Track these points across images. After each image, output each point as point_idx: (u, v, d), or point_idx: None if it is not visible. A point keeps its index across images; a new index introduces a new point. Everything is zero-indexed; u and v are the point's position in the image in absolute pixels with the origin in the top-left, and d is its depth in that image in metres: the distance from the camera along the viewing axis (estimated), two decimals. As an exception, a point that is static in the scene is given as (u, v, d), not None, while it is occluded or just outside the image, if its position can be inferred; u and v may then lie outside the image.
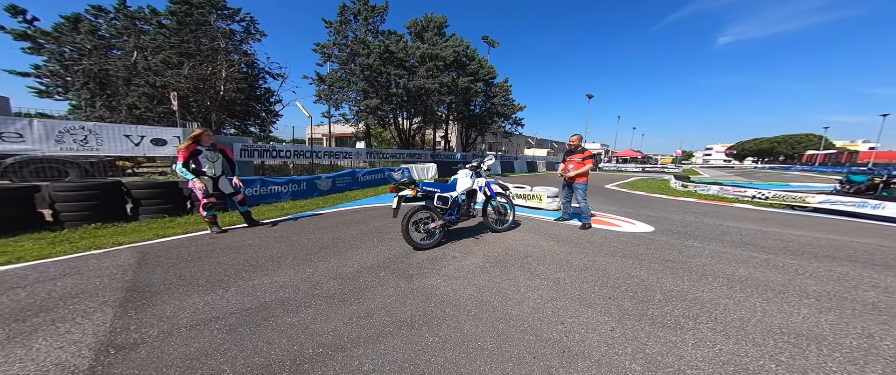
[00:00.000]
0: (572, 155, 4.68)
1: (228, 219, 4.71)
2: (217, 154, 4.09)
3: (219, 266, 2.95)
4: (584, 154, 4.59)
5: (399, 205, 3.55)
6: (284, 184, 6.49)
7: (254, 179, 5.90)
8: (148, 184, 4.54)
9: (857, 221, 5.23)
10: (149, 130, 6.16)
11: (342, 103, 16.39)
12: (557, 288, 2.57)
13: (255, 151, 8.13)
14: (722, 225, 4.83)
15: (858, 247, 3.61)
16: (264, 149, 8.38)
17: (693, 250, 3.48)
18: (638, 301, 2.30)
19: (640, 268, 2.95)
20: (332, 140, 28.05)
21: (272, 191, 6.27)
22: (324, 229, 4.47)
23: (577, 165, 4.59)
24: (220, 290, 2.45)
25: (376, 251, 3.55)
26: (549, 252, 3.49)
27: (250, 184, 5.85)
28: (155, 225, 4.26)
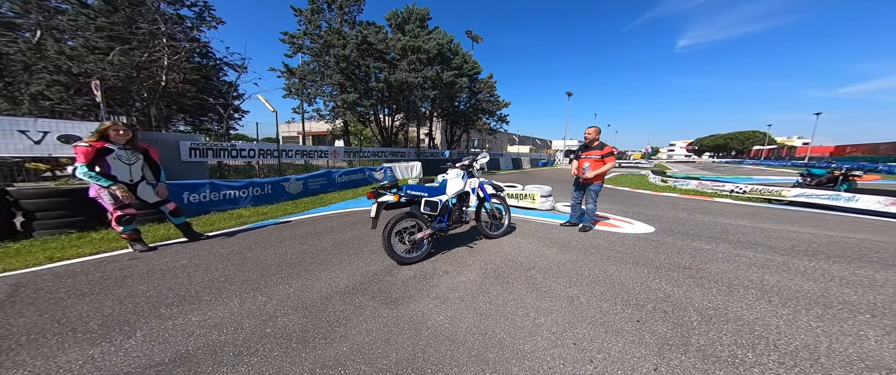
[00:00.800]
0: (588, 151, 3.95)
1: (163, 233, 3.85)
2: (136, 154, 3.24)
3: (128, 299, 2.23)
4: (604, 150, 3.85)
5: (379, 214, 2.98)
6: (243, 187, 5.63)
7: (202, 183, 5.01)
8: (45, 192, 3.56)
9: (834, 214, 5.36)
10: (53, 125, 5.02)
11: (316, 98, 15.25)
12: (573, 310, 2.14)
13: (208, 151, 7.08)
14: (717, 222, 4.71)
15: (861, 244, 3.52)
16: (221, 148, 7.33)
17: (704, 253, 3.22)
18: (673, 325, 1.91)
19: (659, 279, 2.60)
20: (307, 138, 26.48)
21: (227, 197, 5.39)
22: (288, 241, 3.77)
23: (595, 164, 3.89)
24: (118, 337, 1.77)
25: (352, 268, 2.95)
26: (554, 261, 3.08)
27: (197, 189, 4.96)
28: (52, 245, 3.35)
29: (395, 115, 16.93)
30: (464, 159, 3.84)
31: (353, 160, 13.00)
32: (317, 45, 14.38)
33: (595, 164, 3.90)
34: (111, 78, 6.58)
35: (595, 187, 3.95)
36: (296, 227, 4.47)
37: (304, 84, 14.48)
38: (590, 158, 3.94)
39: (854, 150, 46.62)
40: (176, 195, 4.68)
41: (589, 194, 4.00)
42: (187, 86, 8.07)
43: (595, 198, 3.98)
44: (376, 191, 3.02)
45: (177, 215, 3.51)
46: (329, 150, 11.76)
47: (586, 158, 3.97)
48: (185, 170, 6.65)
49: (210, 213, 4.99)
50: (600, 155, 3.86)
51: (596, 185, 3.94)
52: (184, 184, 4.82)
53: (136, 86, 7.26)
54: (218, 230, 4.18)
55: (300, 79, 14.27)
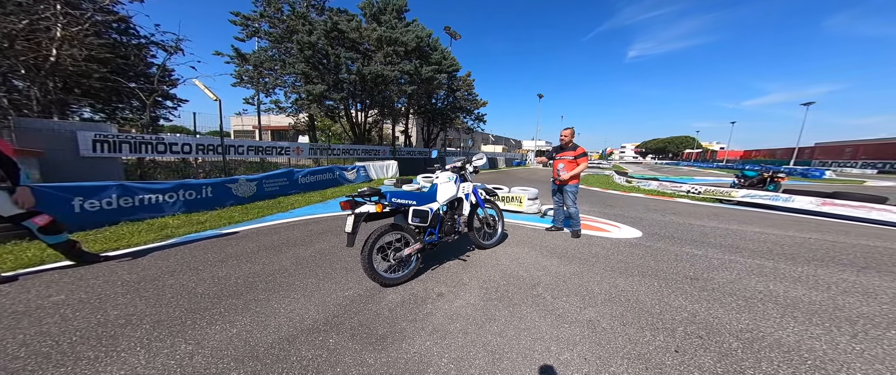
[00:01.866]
0: (563, 152, 3.95)
1: (34, 255, 2.80)
2: None
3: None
4: (577, 151, 3.87)
5: (357, 228, 2.40)
6: (169, 190, 4.51)
7: (106, 185, 3.85)
8: None
9: (777, 214, 5.93)
10: None
11: (275, 89, 13.58)
12: (598, 339, 1.82)
13: (122, 144, 5.66)
14: (692, 224, 4.86)
15: (824, 246, 3.73)
16: (142, 142, 5.90)
17: (700, 260, 3.16)
18: (717, 355, 1.67)
19: (673, 293, 2.41)
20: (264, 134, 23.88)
21: (146, 203, 4.27)
22: (232, 260, 2.99)
23: (569, 165, 3.87)
24: None
25: (322, 293, 2.35)
26: (558, 275, 2.78)
27: (97, 194, 3.81)
28: None
29: (368, 111, 15.80)
30: (455, 160, 3.39)
31: (321, 158, 11.79)
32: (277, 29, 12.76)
33: (569, 165, 3.86)
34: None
35: (571, 188, 3.88)
36: (244, 240, 3.63)
37: (260, 72, 12.77)
38: (564, 159, 3.90)
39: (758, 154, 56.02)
40: (58, 202, 3.54)
41: (567, 195, 3.92)
42: (93, 66, 6.38)
43: (574, 200, 3.90)
44: (353, 200, 2.44)
45: (52, 232, 2.51)
46: (291, 147, 10.45)
47: (561, 159, 3.94)
48: (87, 169, 5.21)
49: (119, 224, 3.87)
50: (574, 155, 3.83)
51: (572, 186, 3.88)
52: (75, 188, 3.64)
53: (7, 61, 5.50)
54: (126, 247, 3.20)
55: (255, 66, 12.55)
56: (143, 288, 2.30)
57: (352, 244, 2.41)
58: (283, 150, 10.04)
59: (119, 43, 7.53)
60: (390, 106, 14.99)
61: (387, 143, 18.60)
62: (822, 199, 5.83)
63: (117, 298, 2.14)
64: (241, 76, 12.75)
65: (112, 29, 7.55)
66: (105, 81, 6.81)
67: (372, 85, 13.01)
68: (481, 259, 3.19)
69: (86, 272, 2.55)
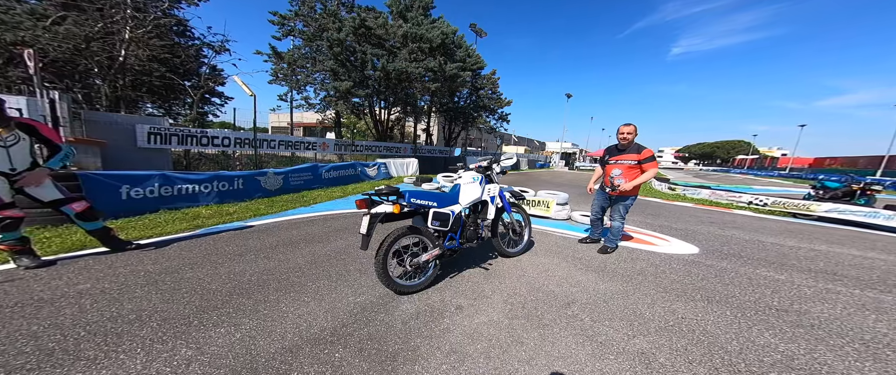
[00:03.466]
0: (621, 155, 3.08)
1: (77, 240, 2.94)
2: (12, 134, 2.26)
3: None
4: (642, 154, 2.95)
5: (372, 229, 2.21)
6: (205, 181, 4.69)
7: (150, 175, 4.07)
8: None
9: (880, 234, 4.81)
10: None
11: (306, 86, 14.22)
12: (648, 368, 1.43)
13: (171, 137, 6.10)
14: (763, 241, 4.10)
15: None
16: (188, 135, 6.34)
17: (787, 288, 2.55)
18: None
19: (757, 328, 1.91)
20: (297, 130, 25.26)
21: (184, 192, 4.46)
22: (251, 254, 2.96)
23: (629, 172, 3.00)
24: None
25: (333, 298, 2.19)
26: (596, 293, 2.37)
27: (142, 183, 4.03)
28: None
29: (391, 108, 15.99)
30: (480, 160, 3.09)
31: (345, 154, 12.08)
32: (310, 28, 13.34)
33: (629, 173, 3.02)
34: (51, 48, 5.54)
35: (627, 202, 3.11)
36: (265, 234, 3.63)
37: (293, 70, 13.43)
38: (622, 164, 3.05)
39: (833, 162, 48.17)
40: (108, 189, 3.76)
41: (616, 210, 3.16)
42: (155, 65, 7.02)
43: (624, 215, 3.16)
44: (368, 199, 2.25)
45: (89, 218, 2.61)
46: (318, 142, 10.82)
47: (618, 164, 3.07)
48: (142, 159, 5.68)
49: (159, 212, 4.07)
50: (637, 160, 2.97)
51: (629, 199, 3.10)
52: (123, 176, 3.87)
53: (85, 60, 6.21)
54: (158, 235, 3.30)
55: (289, 64, 13.21)
56: (162, 281, 2.30)
57: (366, 247, 2.22)
58: (311, 145, 10.40)
59: (176, 44, 8.26)
60: (413, 103, 14.99)
61: (408, 141, 18.70)
62: (942, 217, 4.66)
63: (135, 290, 2.14)
64: (276, 74, 13.47)
65: (172, 31, 8.30)
66: (163, 79, 7.48)
67: (396, 81, 13.09)
68: (505, 268, 2.87)
69: (116, 259, 2.62)
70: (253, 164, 7.33)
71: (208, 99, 9.63)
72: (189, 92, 7.86)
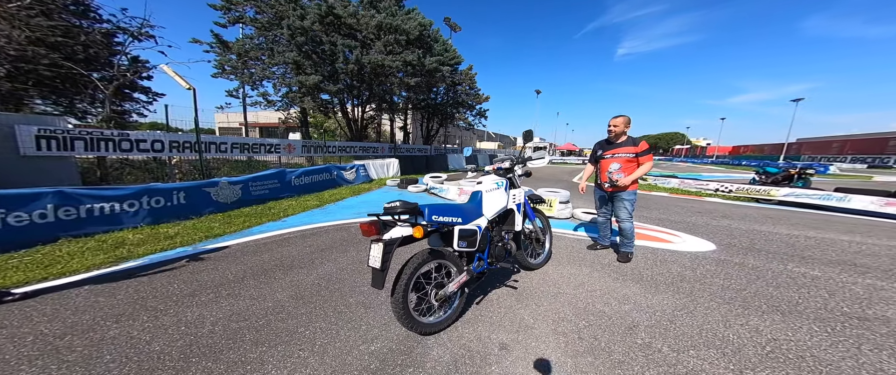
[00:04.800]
0: (616, 148, 2.87)
1: None
2: None
3: None
4: (638, 146, 2.78)
5: (388, 262, 1.63)
6: (129, 196, 3.58)
7: (40, 192, 2.91)
8: None
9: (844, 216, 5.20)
10: None
11: (262, 80, 12.52)
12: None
13: (74, 141, 4.69)
14: (765, 231, 4.11)
15: None
16: (101, 139, 4.92)
17: (834, 286, 2.40)
18: None
19: (860, 344, 1.66)
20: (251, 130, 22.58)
21: (97, 213, 3.33)
22: (204, 292, 2.19)
23: (627, 166, 2.81)
24: None
25: (336, 350, 1.65)
26: (654, 310, 2.04)
27: (26, 204, 2.88)
28: None
29: (365, 105, 14.76)
30: (501, 160, 2.60)
31: (315, 156, 10.83)
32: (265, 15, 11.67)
33: (627, 166, 2.81)
34: None
35: (629, 196, 2.87)
36: (225, 261, 2.79)
37: (244, 62, 11.69)
38: (619, 158, 2.83)
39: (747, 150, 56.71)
40: None
41: (620, 207, 2.89)
42: (40, 50, 5.35)
43: (631, 212, 2.89)
44: (378, 222, 1.66)
45: None
46: (281, 144, 9.51)
47: (615, 157, 2.85)
48: (34, 171, 4.25)
49: (59, 242, 2.97)
50: (634, 152, 2.77)
51: (630, 194, 2.86)
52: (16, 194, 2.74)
53: None
54: (57, 276, 2.34)
55: (239, 55, 11.47)
56: (67, 349, 1.48)
57: (381, 285, 1.63)
58: (273, 148, 9.10)
59: (74, 26, 6.46)
60: (390, 99, 14.00)
61: (384, 140, 17.64)
62: (887, 199, 5.25)
63: (19, 369, 1.32)
64: (222, 66, 11.62)
65: (67, 9, 6.49)
66: (56, 69, 5.77)
67: (372, 76, 12.04)
68: (534, 284, 2.45)
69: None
70: (199, 173, 6.02)
71: (129, 94, 7.81)
72: (98, 85, 6.19)
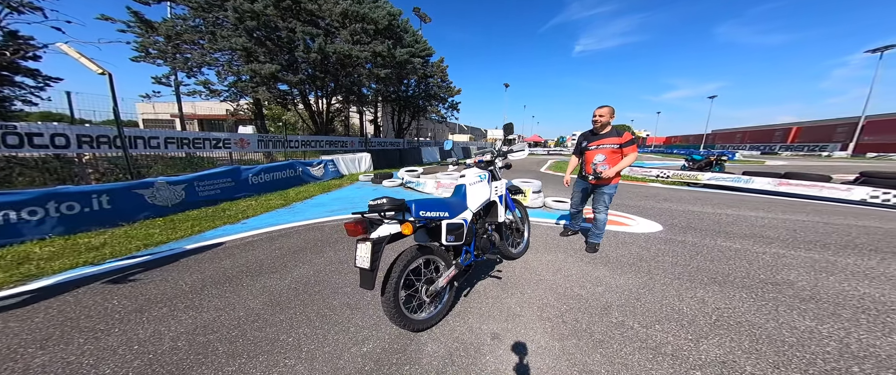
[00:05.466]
0: (601, 140, 2.85)
1: None
2: None
3: None
4: (623, 137, 2.77)
5: (377, 261, 1.56)
6: (27, 202, 2.91)
7: None
8: None
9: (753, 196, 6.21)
10: None
11: (201, 67, 10.86)
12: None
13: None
14: (695, 211, 4.78)
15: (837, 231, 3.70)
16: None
17: (753, 257, 2.84)
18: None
19: (781, 309, 1.99)
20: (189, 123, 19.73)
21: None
22: (158, 306, 1.93)
23: (612, 157, 2.80)
24: None
25: (326, 354, 1.63)
26: (623, 291, 2.27)
27: None
28: None
29: (331, 97, 13.62)
30: (482, 152, 2.62)
31: (275, 152, 9.81)
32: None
33: (612, 157, 2.80)
34: None
35: (610, 190, 2.87)
36: (174, 273, 2.44)
37: (176, 46, 9.95)
38: (604, 149, 2.82)
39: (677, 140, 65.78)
40: None
41: (600, 199, 2.91)
42: None
43: (608, 205, 2.92)
44: (364, 220, 1.57)
45: None
46: (232, 139, 8.43)
47: (599, 149, 2.84)
48: None
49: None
50: (618, 143, 2.78)
51: (612, 187, 2.87)
52: None
53: None
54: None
55: (168, 38, 9.72)
56: None
57: (371, 285, 1.56)
58: (221, 143, 8.04)
59: None
60: (358, 91, 13.14)
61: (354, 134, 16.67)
62: (779, 180, 6.46)
63: None
64: (145, 49, 9.76)
65: None
66: None
67: (338, 66, 11.12)
68: (516, 273, 2.57)
69: None
70: (126, 172, 5.05)
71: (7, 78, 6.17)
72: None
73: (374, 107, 17.02)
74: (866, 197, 5.41)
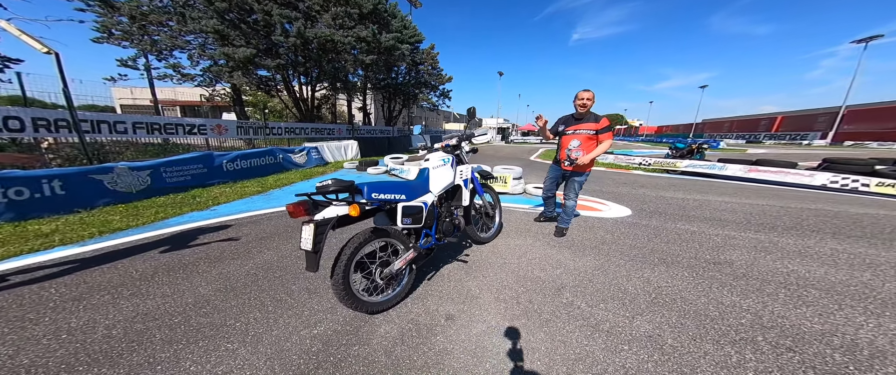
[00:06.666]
0: (578, 125, 2.73)
1: None
2: None
3: None
4: (599, 123, 2.65)
5: (321, 243, 1.56)
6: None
7: None
8: None
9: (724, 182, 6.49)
10: None
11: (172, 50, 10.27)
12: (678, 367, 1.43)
13: None
14: (667, 197, 4.95)
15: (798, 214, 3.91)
16: None
17: (705, 239, 3.01)
18: (813, 369, 1.40)
19: (715, 286, 2.16)
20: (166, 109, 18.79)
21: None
22: (101, 293, 1.91)
23: (587, 143, 2.70)
24: None
25: (273, 338, 1.63)
26: (579, 272, 2.36)
27: None
28: None
29: (316, 84, 13.12)
30: (448, 138, 2.61)
31: (256, 139, 9.50)
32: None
33: (587, 144, 2.69)
34: None
35: (581, 178, 2.83)
36: (126, 260, 2.38)
37: (142, 27, 9.32)
38: (580, 135, 2.69)
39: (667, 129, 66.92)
40: None
41: (571, 186, 2.87)
42: None
43: (578, 192, 2.89)
44: (308, 201, 1.55)
45: None
46: (209, 125, 8.09)
47: (575, 135, 2.72)
48: None
49: None
50: (595, 129, 2.64)
51: (583, 175, 2.83)
52: None
53: None
54: None
55: (133, 18, 9.07)
56: None
57: (315, 268, 1.56)
58: (196, 129, 7.72)
59: None
60: (344, 78, 12.68)
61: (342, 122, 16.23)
62: (749, 167, 6.69)
63: None
64: (108, 29, 9.09)
65: None
66: None
67: (320, 52, 10.63)
68: (483, 256, 2.62)
69: None
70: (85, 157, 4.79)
71: None
72: None
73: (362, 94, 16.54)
74: (827, 182, 5.67)
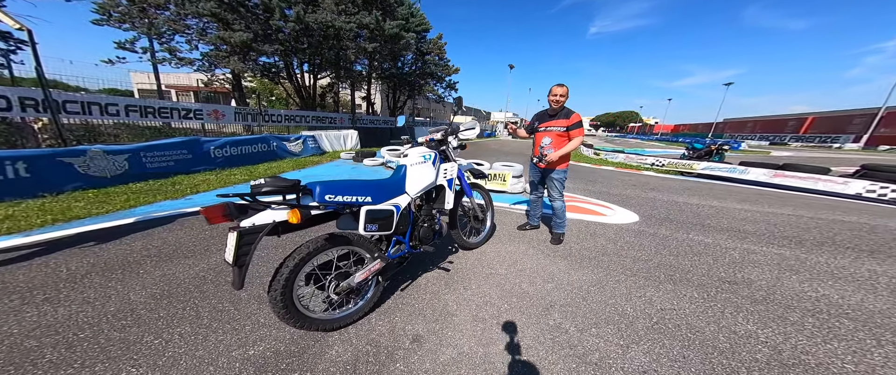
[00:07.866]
0: (549, 121, 2.60)
1: None
2: None
3: None
4: (570, 119, 2.49)
5: (247, 256, 1.28)
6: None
7: None
8: None
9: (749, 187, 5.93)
10: None
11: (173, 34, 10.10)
12: None
13: None
14: (679, 202, 4.55)
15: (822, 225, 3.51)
16: None
17: (720, 253, 2.68)
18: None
19: (728, 310, 1.84)
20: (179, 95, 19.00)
21: None
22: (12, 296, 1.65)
23: (558, 140, 2.55)
24: None
25: (198, 359, 1.38)
26: (573, 288, 2.06)
27: None
28: None
29: (318, 72, 12.83)
30: (432, 133, 2.28)
31: (254, 125, 9.34)
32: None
33: (558, 140, 2.55)
34: None
35: (558, 175, 2.64)
36: (64, 255, 2.18)
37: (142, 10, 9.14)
38: (550, 132, 2.56)
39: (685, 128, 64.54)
40: None
41: (552, 187, 2.69)
42: None
43: (561, 191, 2.69)
44: (226, 206, 1.24)
45: None
46: (205, 110, 7.94)
47: (546, 132, 2.59)
48: None
49: None
50: (565, 126, 2.50)
51: (559, 172, 2.64)
52: None
53: None
54: None
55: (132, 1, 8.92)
56: None
57: (240, 285, 1.28)
58: (192, 113, 7.57)
59: None
60: (347, 66, 12.32)
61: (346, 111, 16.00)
62: (774, 171, 6.15)
63: None
64: (107, 11, 8.94)
65: None
66: None
67: (321, 38, 10.27)
68: (469, 264, 2.34)
69: None
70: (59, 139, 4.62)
71: None
72: None
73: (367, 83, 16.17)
74: (862, 191, 5.13)
